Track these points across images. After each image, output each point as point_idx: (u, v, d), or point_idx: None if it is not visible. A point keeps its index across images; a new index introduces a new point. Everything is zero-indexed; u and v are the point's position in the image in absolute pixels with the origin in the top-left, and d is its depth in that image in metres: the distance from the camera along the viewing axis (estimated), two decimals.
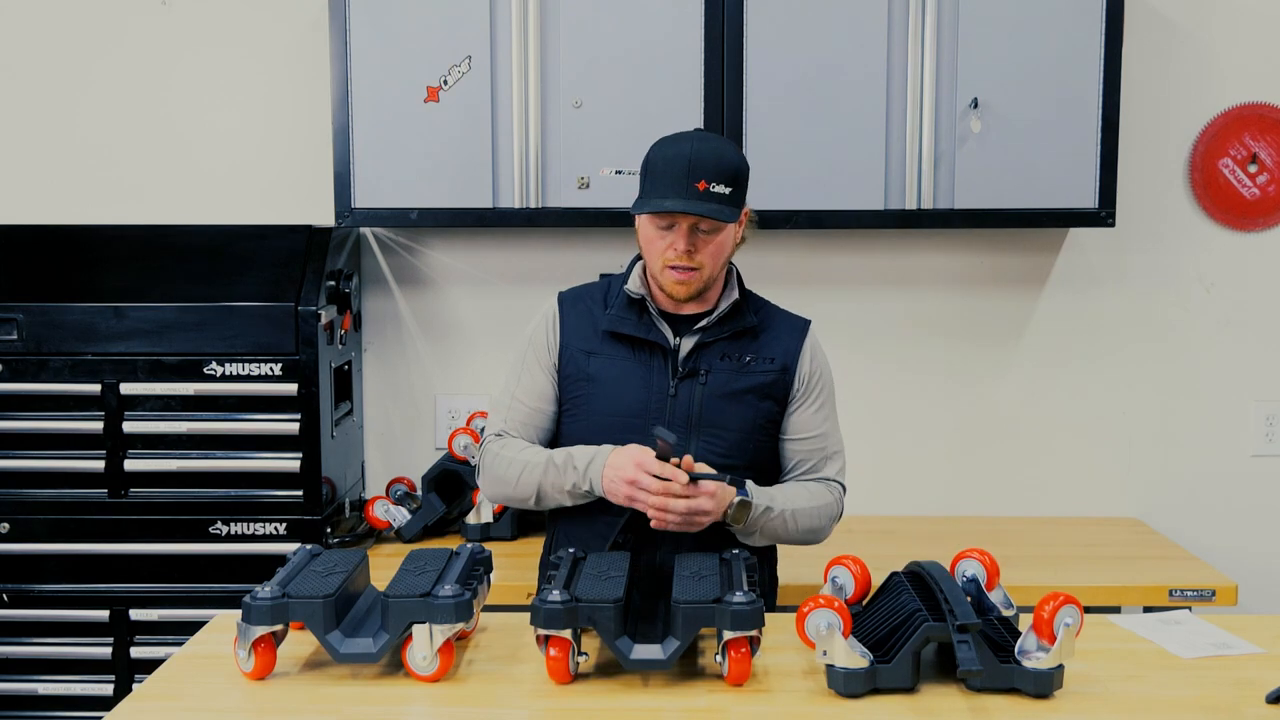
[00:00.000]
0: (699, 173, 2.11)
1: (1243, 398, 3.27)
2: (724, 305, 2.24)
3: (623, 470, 2.09)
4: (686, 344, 2.23)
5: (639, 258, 2.29)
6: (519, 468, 2.22)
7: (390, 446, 3.31)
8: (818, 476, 2.29)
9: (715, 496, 2.09)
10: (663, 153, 2.17)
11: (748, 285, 2.35)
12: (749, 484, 2.16)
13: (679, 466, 2.05)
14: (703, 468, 2.11)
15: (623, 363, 2.23)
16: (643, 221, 2.20)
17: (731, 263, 2.31)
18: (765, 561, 2.35)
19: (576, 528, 2.27)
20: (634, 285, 2.26)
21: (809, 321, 2.33)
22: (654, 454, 2.06)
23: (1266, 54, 3.18)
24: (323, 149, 3.08)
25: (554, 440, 2.32)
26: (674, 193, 2.11)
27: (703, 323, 2.24)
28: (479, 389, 3.28)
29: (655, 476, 2.05)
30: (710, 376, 2.21)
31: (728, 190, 2.12)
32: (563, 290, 2.35)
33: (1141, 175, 3.19)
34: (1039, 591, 1.92)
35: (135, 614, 2.81)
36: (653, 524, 2.09)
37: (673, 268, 2.17)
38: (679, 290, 2.19)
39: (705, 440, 2.19)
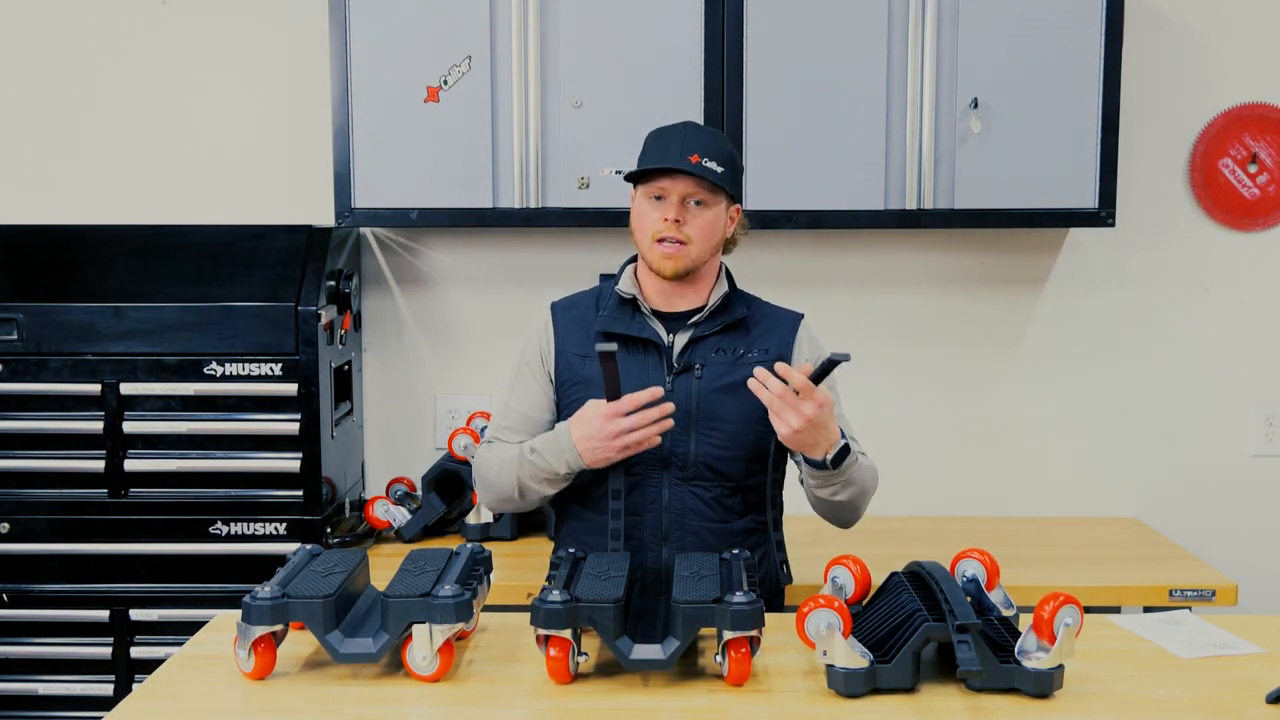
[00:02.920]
0: (692, 148, 2.17)
1: (1243, 398, 3.27)
2: (715, 299, 2.26)
3: (598, 433, 2.10)
4: (680, 340, 2.25)
5: (631, 260, 2.31)
6: (498, 466, 2.26)
7: (390, 446, 3.31)
8: None
9: (833, 412, 2.08)
10: (658, 135, 2.25)
11: (748, 285, 2.37)
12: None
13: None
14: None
15: (618, 362, 2.23)
16: (637, 200, 2.24)
17: (722, 261, 2.33)
18: (774, 560, 2.35)
19: (581, 528, 2.29)
20: (625, 286, 2.28)
21: (801, 315, 2.35)
22: (604, 401, 2.08)
23: (1266, 54, 3.18)
24: (323, 149, 3.08)
25: None
26: (668, 161, 2.16)
27: (695, 318, 2.25)
28: (479, 389, 3.28)
29: (628, 412, 2.09)
30: (705, 371, 2.22)
31: (720, 169, 2.17)
32: (555, 299, 2.36)
33: (1141, 175, 3.19)
34: (1039, 591, 1.92)
35: (135, 614, 2.81)
36: (785, 439, 2.08)
37: (661, 240, 2.19)
38: (666, 265, 2.20)
39: (703, 434, 2.20)
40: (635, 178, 2.22)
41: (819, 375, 2.05)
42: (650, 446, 2.14)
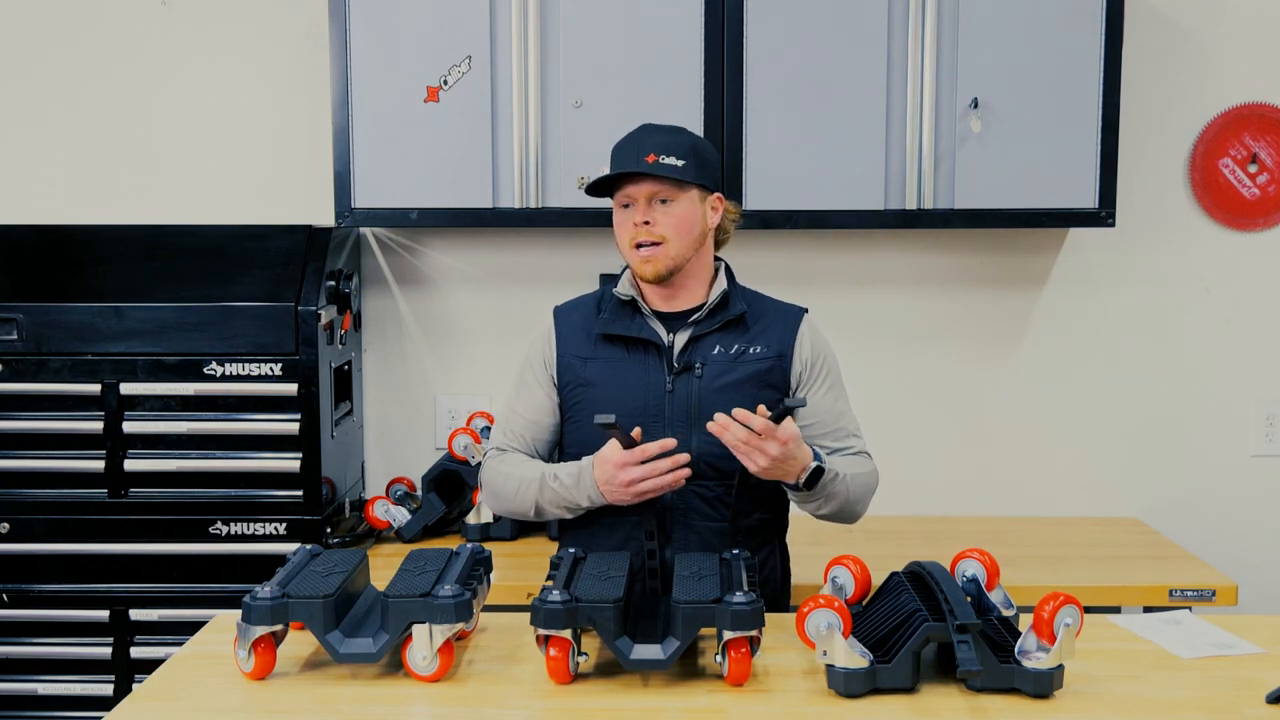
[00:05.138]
0: (648, 148, 2.19)
1: (1243, 398, 3.27)
2: (713, 297, 2.26)
3: (613, 479, 2.12)
4: (680, 339, 2.25)
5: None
6: (515, 484, 2.26)
7: (390, 446, 3.31)
8: (846, 453, 2.29)
9: (798, 441, 2.08)
10: (619, 145, 2.26)
11: (751, 285, 2.37)
12: (817, 449, 2.17)
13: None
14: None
15: (619, 364, 2.24)
16: (615, 213, 2.26)
17: (721, 258, 2.32)
18: (778, 559, 2.36)
19: (584, 528, 2.28)
20: (624, 288, 2.29)
21: (804, 309, 2.35)
22: (617, 446, 2.09)
23: (1266, 54, 3.18)
24: (323, 149, 3.08)
25: (557, 449, 2.36)
26: (626, 167, 2.19)
27: (694, 317, 2.25)
28: (479, 389, 3.28)
29: (639, 462, 2.09)
30: (706, 369, 2.22)
31: (680, 163, 2.18)
32: (557, 304, 2.37)
33: (1141, 175, 3.19)
34: (1039, 591, 1.92)
35: (135, 614, 2.81)
36: (756, 474, 2.09)
37: (638, 246, 2.20)
38: (646, 269, 2.21)
39: (705, 433, 2.19)
40: (598, 190, 2.24)
41: (777, 418, 2.06)
42: (670, 489, 2.14)
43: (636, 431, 2.13)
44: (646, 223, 2.19)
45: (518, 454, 2.31)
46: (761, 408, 2.07)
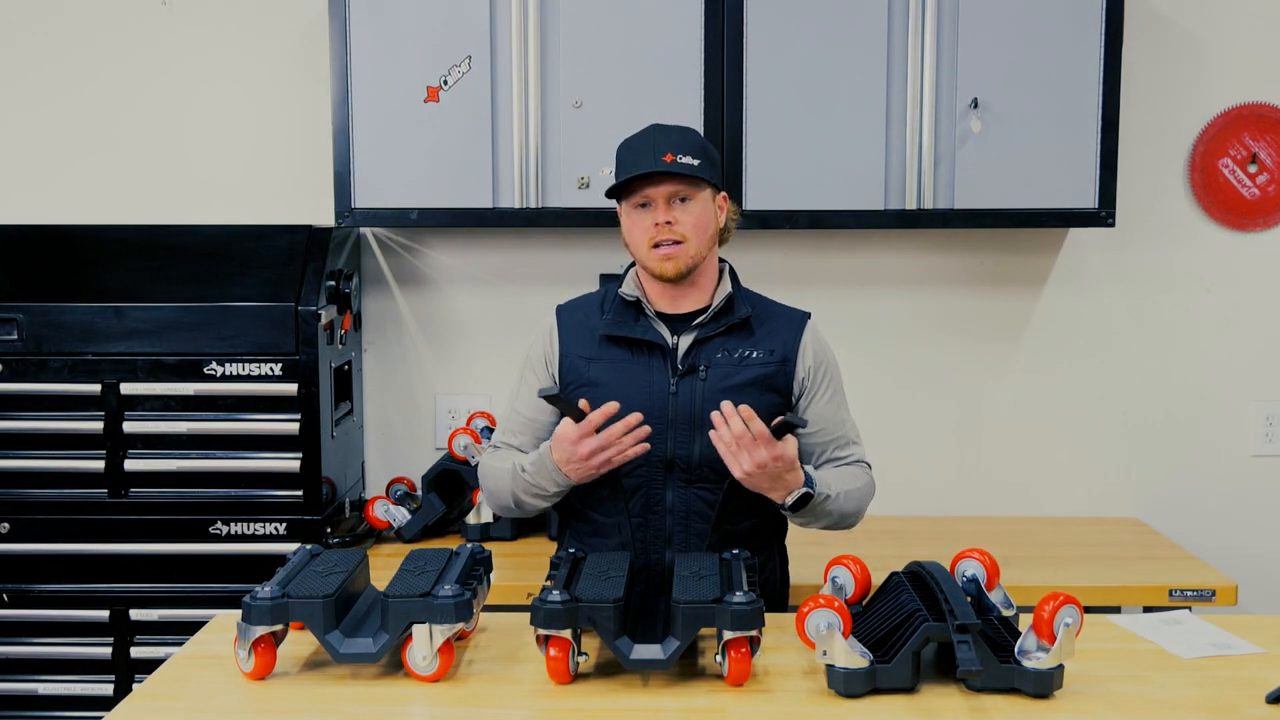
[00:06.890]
0: (664, 148, 2.18)
1: (1243, 398, 3.27)
2: (718, 300, 2.26)
3: (572, 456, 2.12)
4: (684, 342, 2.25)
5: (634, 263, 2.31)
6: (495, 478, 2.28)
7: (390, 446, 3.31)
8: (845, 462, 2.30)
9: (791, 464, 2.10)
10: (628, 143, 2.25)
11: (751, 286, 2.36)
12: (810, 470, 2.19)
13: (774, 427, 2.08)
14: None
15: (622, 365, 2.24)
16: (625, 214, 2.25)
17: (725, 260, 2.33)
18: (777, 561, 2.36)
19: (585, 529, 2.29)
20: (628, 289, 2.28)
21: (808, 314, 2.35)
22: (571, 423, 2.11)
23: (1266, 54, 3.18)
24: (323, 149, 3.08)
25: None
26: (644, 167, 2.18)
27: (699, 319, 2.25)
28: (479, 389, 3.28)
29: (594, 431, 2.10)
30: (709, 372, 2.22)
31: (696, 162, 2.19)
32: (561, 303, 2.36)
33: (1141, 175, 3.19)
34: (1039, 591, 1.93)
35: (135, 614, 2.81)
36: (739, 479, 2.11)
37: (657, 245, 2.19)
38: (667, 268, 2.20)
39: (708, 436, 2.19)
40: (617, 191, 2.23)
41: (777, 431, 2.07)
42: (634, 456, 2.14)
43: (583, 403, 2.13)
44: (669, 222, 2.19)
45: (511, 450, 2.31)
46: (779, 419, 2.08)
